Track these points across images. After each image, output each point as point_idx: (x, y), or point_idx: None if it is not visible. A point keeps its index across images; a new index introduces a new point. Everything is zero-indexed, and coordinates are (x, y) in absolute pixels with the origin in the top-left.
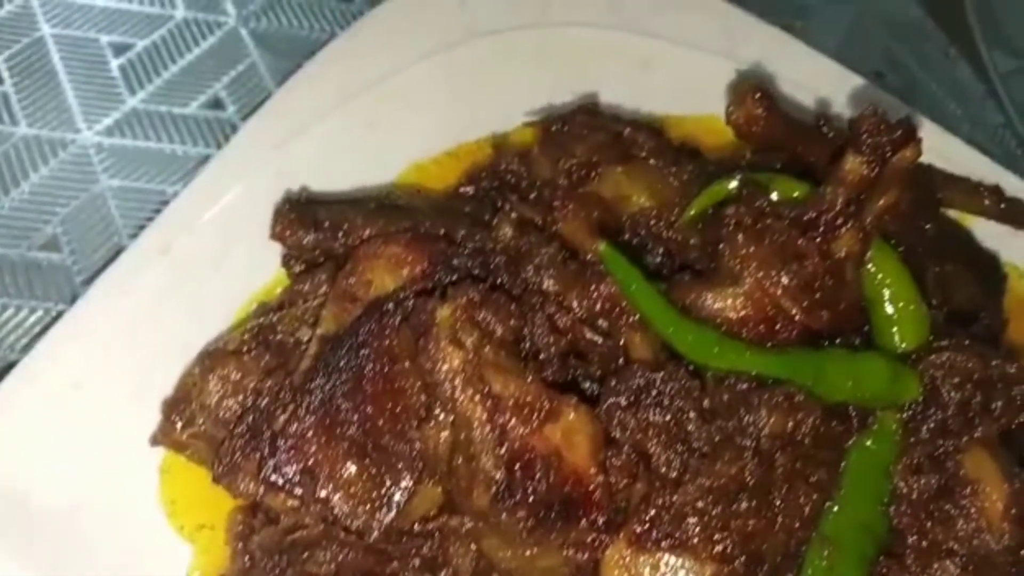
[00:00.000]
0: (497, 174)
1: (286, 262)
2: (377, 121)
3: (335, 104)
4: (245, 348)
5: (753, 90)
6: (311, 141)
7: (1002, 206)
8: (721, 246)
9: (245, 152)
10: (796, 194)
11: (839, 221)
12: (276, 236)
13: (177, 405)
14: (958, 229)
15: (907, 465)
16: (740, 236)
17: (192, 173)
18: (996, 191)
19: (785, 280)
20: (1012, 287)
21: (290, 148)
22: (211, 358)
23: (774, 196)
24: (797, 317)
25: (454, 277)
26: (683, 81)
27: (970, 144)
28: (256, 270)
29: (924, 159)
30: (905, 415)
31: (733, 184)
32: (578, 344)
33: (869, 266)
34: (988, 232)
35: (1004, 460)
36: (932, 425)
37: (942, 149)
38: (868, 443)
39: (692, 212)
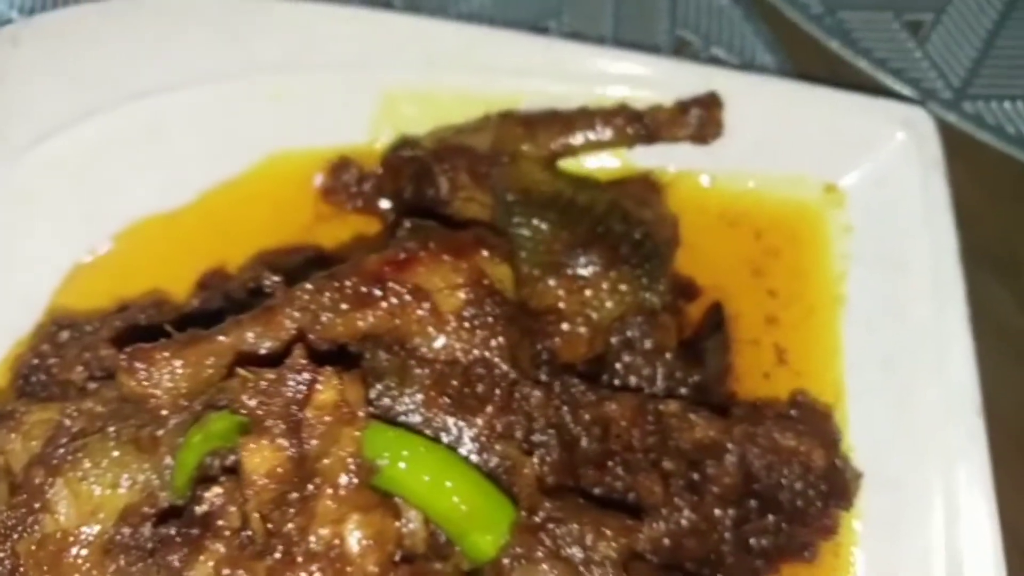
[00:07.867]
0: None
1: None
2: None
3: None
4: None
5: None
6: None
7: (642, 131)
8: None
9: None
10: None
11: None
12: None
13: None
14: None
15: None
16: None
17: None
18: (625, 113)
19: None
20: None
21: None
22: None
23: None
24: None
25: None
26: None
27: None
28: None
29: (525, 105)
30: None
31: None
32: None
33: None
34: None
35: None
36: None
37: (544, 70)
38: None
39: (179, 483)
